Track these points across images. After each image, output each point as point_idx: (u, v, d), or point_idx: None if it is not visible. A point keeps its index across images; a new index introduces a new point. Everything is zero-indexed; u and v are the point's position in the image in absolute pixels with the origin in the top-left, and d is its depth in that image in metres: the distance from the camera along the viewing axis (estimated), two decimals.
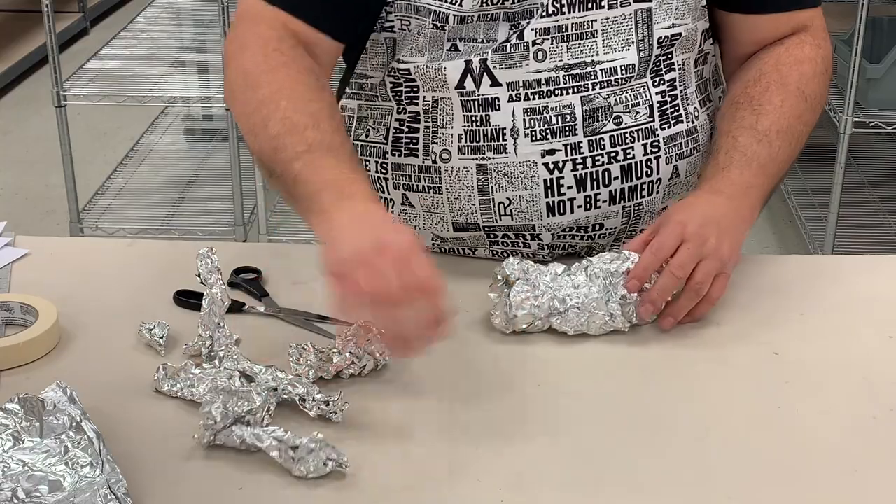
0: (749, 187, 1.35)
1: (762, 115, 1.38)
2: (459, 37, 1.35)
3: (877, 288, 1.42)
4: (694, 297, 1.29)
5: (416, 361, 1.25)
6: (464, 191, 1.41)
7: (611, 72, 1.36)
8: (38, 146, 4.34)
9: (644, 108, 1.39)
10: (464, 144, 1.39)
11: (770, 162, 1.37)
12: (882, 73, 3.08)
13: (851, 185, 3.45)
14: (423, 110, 1.40)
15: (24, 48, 5.14)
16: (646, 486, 1.08)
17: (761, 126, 1.38)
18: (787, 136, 1.39)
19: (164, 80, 3.52)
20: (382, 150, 1.45)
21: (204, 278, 1.23)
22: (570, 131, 1.37)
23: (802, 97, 1.41)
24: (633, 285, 1.28)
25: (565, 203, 1.40)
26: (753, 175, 1.36)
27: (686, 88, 1.43)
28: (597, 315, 1.28)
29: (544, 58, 1.35)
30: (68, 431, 1.03)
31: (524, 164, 1.38)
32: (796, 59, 1.42)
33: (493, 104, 1.37)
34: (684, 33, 1.39)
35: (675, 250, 1.29)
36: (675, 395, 1.22)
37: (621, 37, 1.36)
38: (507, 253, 1.45)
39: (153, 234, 3.48)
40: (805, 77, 1.42)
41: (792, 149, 1.40)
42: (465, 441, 1.13)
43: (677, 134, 1.42)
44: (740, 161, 1.36)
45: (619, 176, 1.39)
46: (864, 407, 1.19)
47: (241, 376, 1.17)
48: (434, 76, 1.37)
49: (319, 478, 1.07)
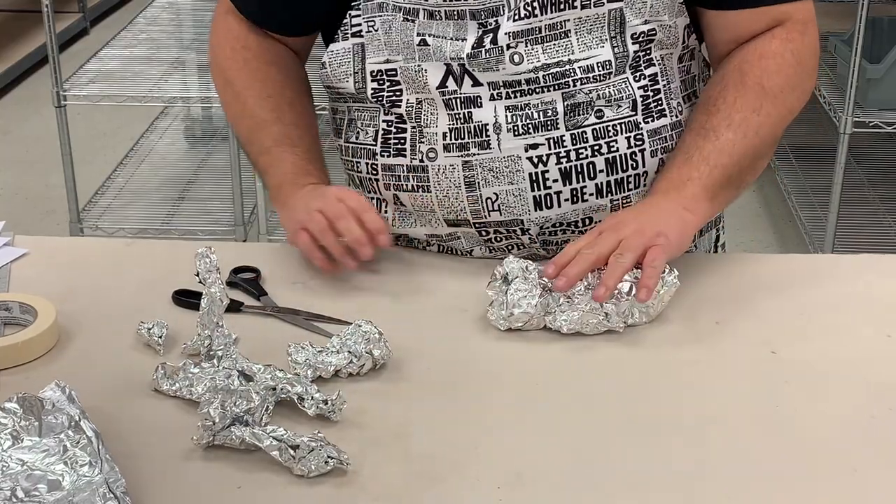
0: (686, 180, 1.37)
1: (713, 115, 1.40)
2: (429, 33, 1.38)
3: (876, 287, 1.42)
4: (618, 267, 1.28)
5: (415, 360, 1.26)
6: (451, 188, 1.42)
7: (588, 69, 1.38)
8: (38, 146, 4.35)
9: (627, 103, 1.40)
10: (449, 142, 1.40)
11: (716, 152, 1.37)
12: (882, 73, 3.08)
13: (851, 185, 3.45)
14: (406, 112, 1.41)
15: (24, 48, 5.14)
16: (644, 484, 1.08)
17: (710, 124, 1.39)
18: (741, 129, 1.39)
19: (164, 80, 3.52)
20: (372, 151, 1.46)
21: (203, 278, 1.23)
22: (552, 125, 1.38)
23: (761, 91, 1.40)
24: (550, 271, 1.29)
25: (552, 197, 1.41)
26: (693, 168, 1.37)
27: (669, 83, 1.43)
28: (591, 314, 1.28)
29: (521, 60, 1.36)
30: (67, 430, 1.03)
31: (508, 158, 1.39)
32: (759, 56, 1.42)
33: (474, 102, 1.38)
34: (659, 30, 1.40)
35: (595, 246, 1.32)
36: (674, 394, 1.22)
37: (595, 35, 1.37)
38: (502, 248, 1.46)
39: (153, 234, 3.48)
40: (767, 72, 1.41)
41: (749, 140, 1.39)
42: (464, 440, 1.13)
43: (661, 128, 1.43)
44: (680, 159, 1.39)
45: (605, 169, 1.40)
46: (863, 406, 1.19)
47: (239, 375, 1.17)
48: (416, 78, 1.39)
49: (318, 477, 1.07)
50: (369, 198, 1.49)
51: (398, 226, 1.49)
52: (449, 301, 1.38)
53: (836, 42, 3.25)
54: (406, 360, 1.26)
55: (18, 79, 5.06)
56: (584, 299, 1.29)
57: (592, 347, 1.29)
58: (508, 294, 1.29)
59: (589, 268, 1.29)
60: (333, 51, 1.44)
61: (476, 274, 1.42)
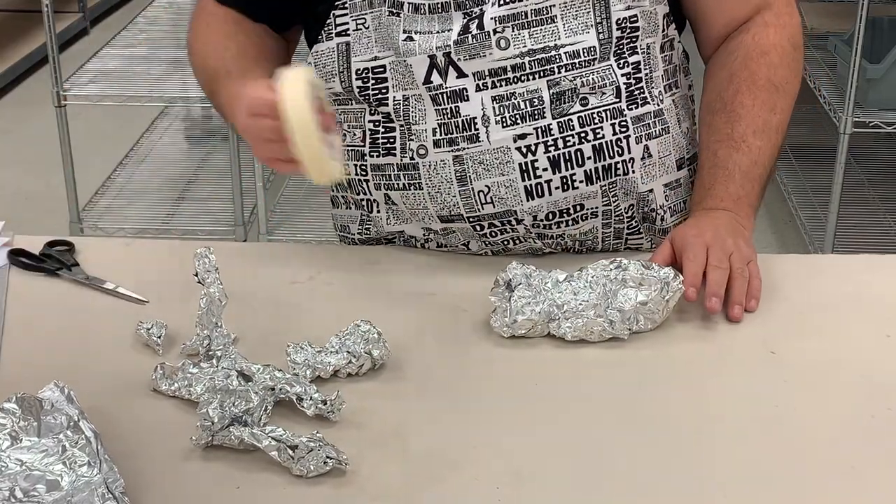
0: (737, 199, 1.42)
1: (736, 122, 1.44)
2: (415, 29, 1.39)
3: (874, 287, 1.42)
4: (742, 281, 1.34)
5: (414, 360, 1.26)
6: (443, 183, 1.43)
7: (574, 54, 1.39)
8: (38, 146, 4.34)
9: (611, 90, 1.41)
10: (438, 138, 1.41)
11: (752, 166, 1.44)
12: (882, 73, 3.07)
13: (851, 185, 3.45)
14: (393, 110, 1.42)
15: (24, 48, 5.14)
16: (643, 484, 1.08)
17: (737, 133, 1.44)
18: (765, 133, 1.44)
19: (164, 80, 3.52)
20: (360, 152, 1.47)
21: (201, 278, 1.23)
22: (538, 115, 1.40)
23: (773, 88, 1.46)
24: (692, 293, 1.32)
25: (542, 185, 1.42)
26: (738, 186, 1.43)
27: (652, 72, 1.45)
28: (596, 322, 1.28)
29: (507, 45, 1.38)
30: (66, 431, 1.03)
31: (498, 150, 1.40)
32: (762, 50, 1.46)
33: (461, 95, 1.40)
34: (641, 16, 1.42)
35: (707, 255, 1.35)
36: (673, 394, 1.22)
37: (580, 20, 1.39)
38: (498, 244, 1.47)
39: (153, 234, 3.48)
40: (773, 66, 1.46)
41: (773, 141, 1.46)
42: (463, 439, 1.13)
43: (644, 115, 1.44)
44: (724, 176, 1.43)
45: (592, 156, 1.42)
46: (861, 405, 1.19)
47: (238, 375, 1.17)
48: (404, 73, 1.40)
49: (317, 477, 1.07)
50: (358, 199, 1.50)
51: (392, 223, 1.49)
52: (448, 301, 1.38)
53: (836, 42, 3.24)
54: (405, 360, 1.26)
55: (18, 79, 5.05)
56: (587, 307, 1.28)
57: (591, 347, 1.29)
58: (512, 301, 1.29)
59: (725, 281, 1.34)
60: (318, 51, 1.45)
61: (476, 273, 1.42)
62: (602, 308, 1.28)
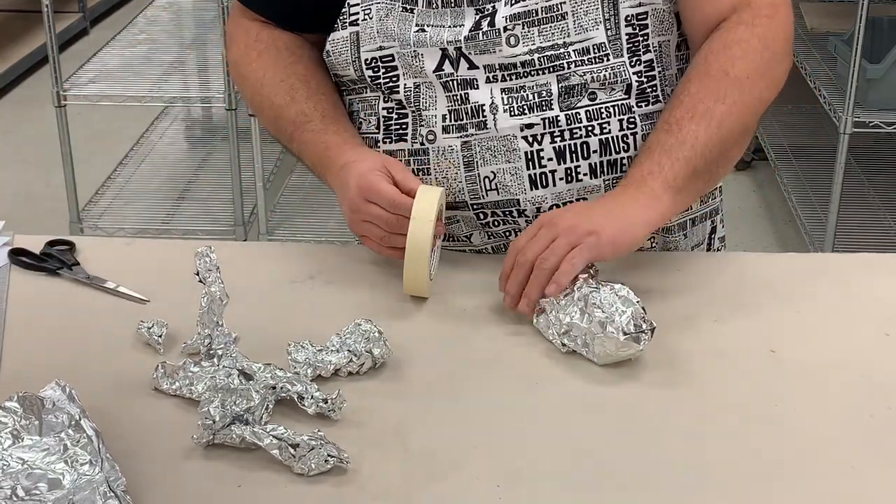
0: (647, 174, 1.35)
1: (675, 108, 1.39)
2: (427, 23, 1.40)
3: (874, 286, 1.43)
4: (540, 274, 1.29)
5: (414, 359, 1.26)
6: (451, 168, 1.44)
7: (584, 51, 1.39)
8: (38, 146, 4.34)
9: (621, 87, 1.41)
10: (448, 124, 1.42)
11: (678, 146, 1.36)
12: (882, 73, 3.08)
13: (851, 185, 3.45)
14: (405, 97, 1.43)
15: (24, 48, 5.14)
16: (642, 483, 1.08)
17: (673, 117, 1.38)
18: (704, 118, 1.37)
19: (164, 80, 3.52)
20: (374, 139, 1.48)
21: (202, 277, 1.23)
22: (546, 106, 1.40)
23: (725, 78, 1.38)
24: (509, 301, 1.32)
25: (546, 175, 1.42)
26: (654, 162, 1.36)
27: (665, 70, 1.44)
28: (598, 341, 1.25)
29: (517, 43, 1.38)
30: (67, 429, 1.03)
31: (505, 137, 1.41)
32: (724, 44, 1.40)
33: (471, 83, 1.41)
34: (651, 13, 1.41)
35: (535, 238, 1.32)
36: (672, 393, 1.22)
37: (590, 17, 1.39)
38: (500, 234, 1.47)
39: (153, 234, 3.48)
40: (733, 58, 1.39)
41: (714, 129, 1.37)
42: (464, 438, 1.13)
43: (654, 113, 1.43)
44: (643, 155, 1.38)
45: (598, 149, 1.42)
46: (861, 405, 1.19)
47: (239, 374, 1.17)
48: (412, 63, 1.41)
49: (318, 475, 1.07)
50: None
51: None
52: (449, 299, 1.39)
53: (836, 42, 3.25)
54: (406, 358, 1.26)
55: (18, 79, 5.06)
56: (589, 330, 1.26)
57: None
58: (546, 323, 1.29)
59: (526, 276, 1.30)
60: (334, 39, 1.46)
61: (476, 272, 1.42)
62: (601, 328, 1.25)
